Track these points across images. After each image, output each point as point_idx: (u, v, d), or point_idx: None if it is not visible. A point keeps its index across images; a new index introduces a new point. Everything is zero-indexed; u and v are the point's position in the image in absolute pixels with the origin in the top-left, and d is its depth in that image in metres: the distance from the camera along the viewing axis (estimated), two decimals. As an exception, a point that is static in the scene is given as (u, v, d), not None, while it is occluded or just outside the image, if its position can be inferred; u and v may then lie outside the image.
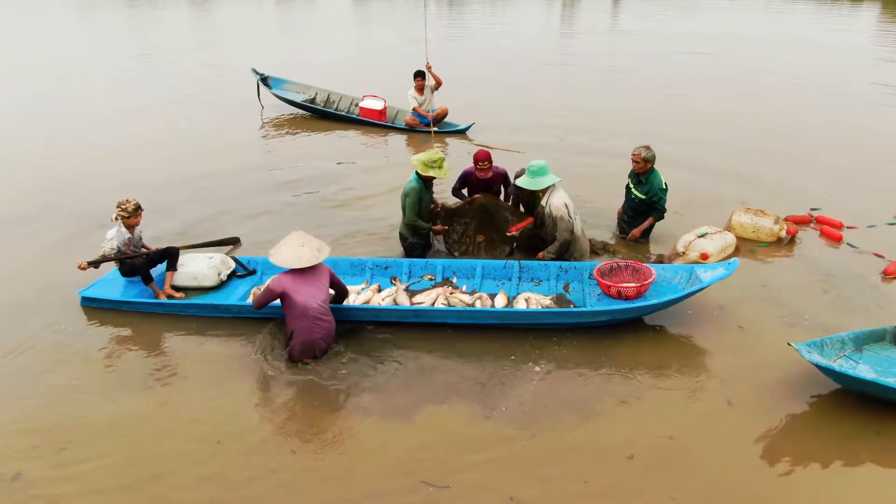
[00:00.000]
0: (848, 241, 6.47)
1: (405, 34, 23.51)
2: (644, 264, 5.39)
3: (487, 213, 6.21)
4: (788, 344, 4.18)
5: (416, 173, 5.98)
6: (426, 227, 6.13)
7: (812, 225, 6.88)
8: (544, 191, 5.78)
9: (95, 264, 5.34)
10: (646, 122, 11.08)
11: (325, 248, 4.79)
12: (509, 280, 5.68)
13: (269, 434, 4.09)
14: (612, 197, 7.08)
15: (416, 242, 6.22)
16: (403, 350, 4.87)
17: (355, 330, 5.07)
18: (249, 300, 5.41)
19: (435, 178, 6.00)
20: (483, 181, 6.34)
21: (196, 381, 4.60)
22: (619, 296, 5.12)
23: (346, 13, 34.95)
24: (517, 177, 6.13)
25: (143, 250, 5.62)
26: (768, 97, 13.43)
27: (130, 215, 5.37)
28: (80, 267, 5.27)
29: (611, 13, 34.48)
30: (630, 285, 5.12)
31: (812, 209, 7.15)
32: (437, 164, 5.93)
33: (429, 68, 10.61)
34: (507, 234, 6.08)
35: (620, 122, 11.19)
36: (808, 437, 4.02)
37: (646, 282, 5.12)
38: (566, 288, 5.55)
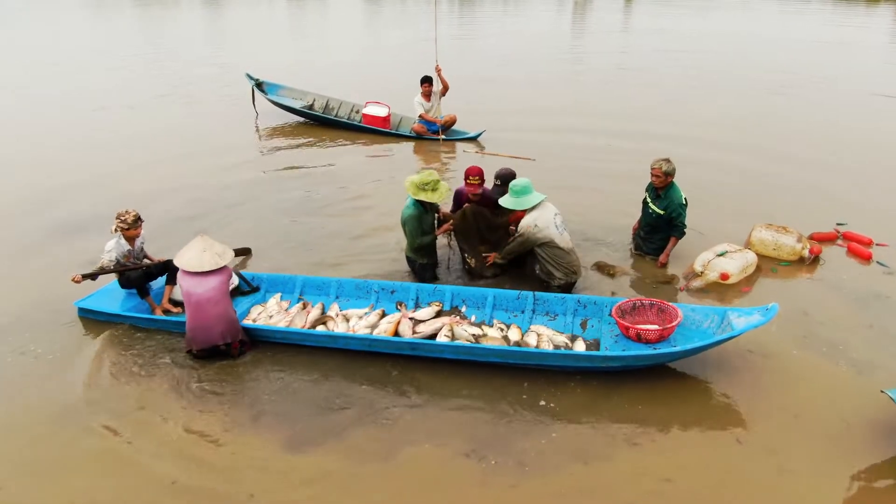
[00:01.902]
0: (878, 260, 6.24)
1: (412, 36, 23.48)
2: (670, 304, 4.91)
3: (481, 220, 5.94)
4: (882, 392, 3.94)
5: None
6: (430, 239, 5.87)
7: (839, 241, 6.66)
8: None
9: (92, 277, 5.26)
10: (659, 129, 10.89)
11: (228, 252, 5.03)
12: (522, 312, 5.35)
13: (229, 472, 3.88)
14: (627, 211, 6.89)
15: (425, 263, 5.98)
16: (395, 383, 4.63)
17: (346, 359, 4.88)
18: (248, 320, 5.33)
19: (428, 202, 5.65)
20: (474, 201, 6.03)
21: (166, 407, 4.42)
22: (639, 339, 4.74)
23: (356, 13, 34.96)
24: (502, 179, 6.00)
25: (146, 261, 5.54)
26: (787, 101, 13.22)
27: (130, 227, 5.29)
28: (74, 280, 5.19)
29: (623, 13, 34.39)
30: (651, 328, 4.71)
31: (838, 224, 6.93)
32: (430, 186, 5.56)
33: (438, 71, 10.42)
34: (509, 223, 5.90)
35: (635, 130, 10.97)
36: (832, 482, 3.78)
37: (669, 325, 4.71)
38: (583, 325, 5.18)
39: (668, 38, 23.05)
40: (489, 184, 6.19)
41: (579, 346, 4.81)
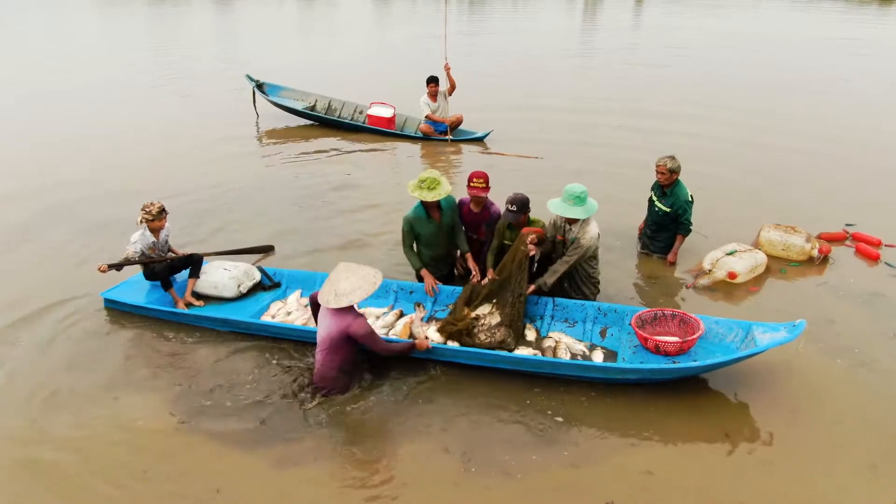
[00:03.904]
0: (886, 261, 6.40)
1: (419, 34, 23.80)
2: (693, 316, 4.86)
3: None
4: None
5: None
6: (416, 266, 5.60)
7: (847, 242, 6.82)
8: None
9: (117, 267, 5.53)
10: (667, 128, 11.11)
11: (354, 294, 4.34)
12: (541, 318, 5.39)
13: (196, 463, 4.06)
14: (635, 209, 7.06)
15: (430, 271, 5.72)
16: (397, 381, 4.74)
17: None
18: (265, 317, 5.49)
19: (425, 201, 5.38)
20: (473, 220, 5.78)
21: (159, 398, 4.64)
22: (658, 351, 4.73)
23: (365, 13, 35.30)
24: (517, 204, 5.34)
25: (170, 254, 5.78)
26: (795, 99, 13.43)
27: (154, 218, 5.53)
28: (100, 269, 5.44)
29: (633, 11, 34.68)
30: (670, 340, 4.72)
31: (847, 225, 7.09)
32: (427, 184, 5.32)
33: (447, 69, 10.60)
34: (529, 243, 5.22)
35: (643, 128, 11.20)
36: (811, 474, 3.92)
37: (690, 338, 4.68)
38: (603, 333, 5.17)
39: (678, 36, 23.28)
40: (500, 204, 5.70)
41: (597, 357, 4.80)
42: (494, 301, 5.23)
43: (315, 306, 4.83)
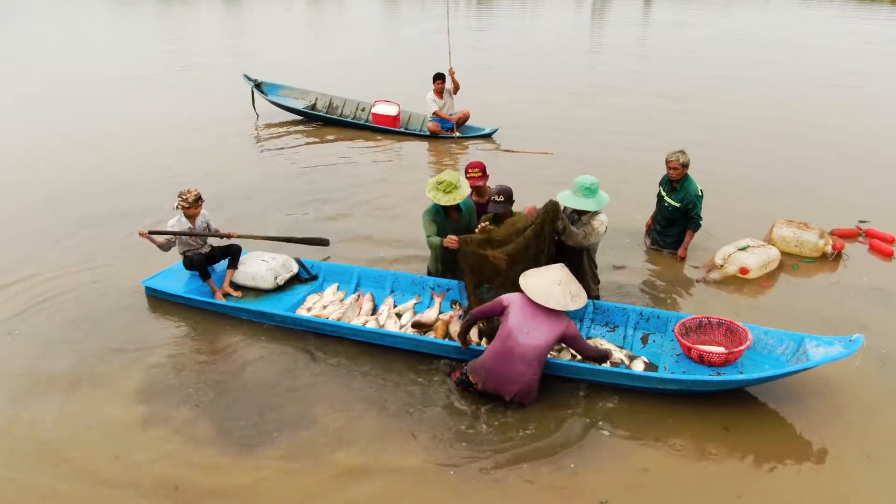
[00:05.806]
0: (898, 257, 6.46)
1: (425, 32, 23.92)
2: (740, 325, 4.70)
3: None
4: None
5: None
6: (437, 243, 5.28)
7: (861, 239, 6.89)
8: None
9: (158, 234, 5.68)
10: (674, 125, 11.22)
11: (581, 297, 4.47)
12: (581, 321, 5.30)
13: (171, 455, 4.14)
14: (641, 206, 7.13)
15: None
16: (408, 375, 4.84)
17: (382, 353, 5.08)
18: (301, 310, 5.58)
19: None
20: (479, 209, 5.75)
21: (159, 389, 4.77)
22: (702, 361, 4.59)
23: (371, 12, 35.44)
24: (504, 195, 5.25)
25: (215, 229, 5.94)
26: (810, 98, 13.50)
27: (190, 206, 5.65)
28: (140, 234, 5.65)
29: (642, 10, 34.82)
30: (715, 350, 4.60)
31: (860, 222, 7.15)
32: (443, 187, 5.31)
33: (451, 73, 10.69)
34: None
35: (650, 125, 11.31)
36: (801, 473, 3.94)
37: (737, 349, 4.53)
38: (644, 339, 5.09)
39: (689, 35, 23.35)
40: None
41: (637, 366, 4.68)
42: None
43: (479, 318, 4.68)
